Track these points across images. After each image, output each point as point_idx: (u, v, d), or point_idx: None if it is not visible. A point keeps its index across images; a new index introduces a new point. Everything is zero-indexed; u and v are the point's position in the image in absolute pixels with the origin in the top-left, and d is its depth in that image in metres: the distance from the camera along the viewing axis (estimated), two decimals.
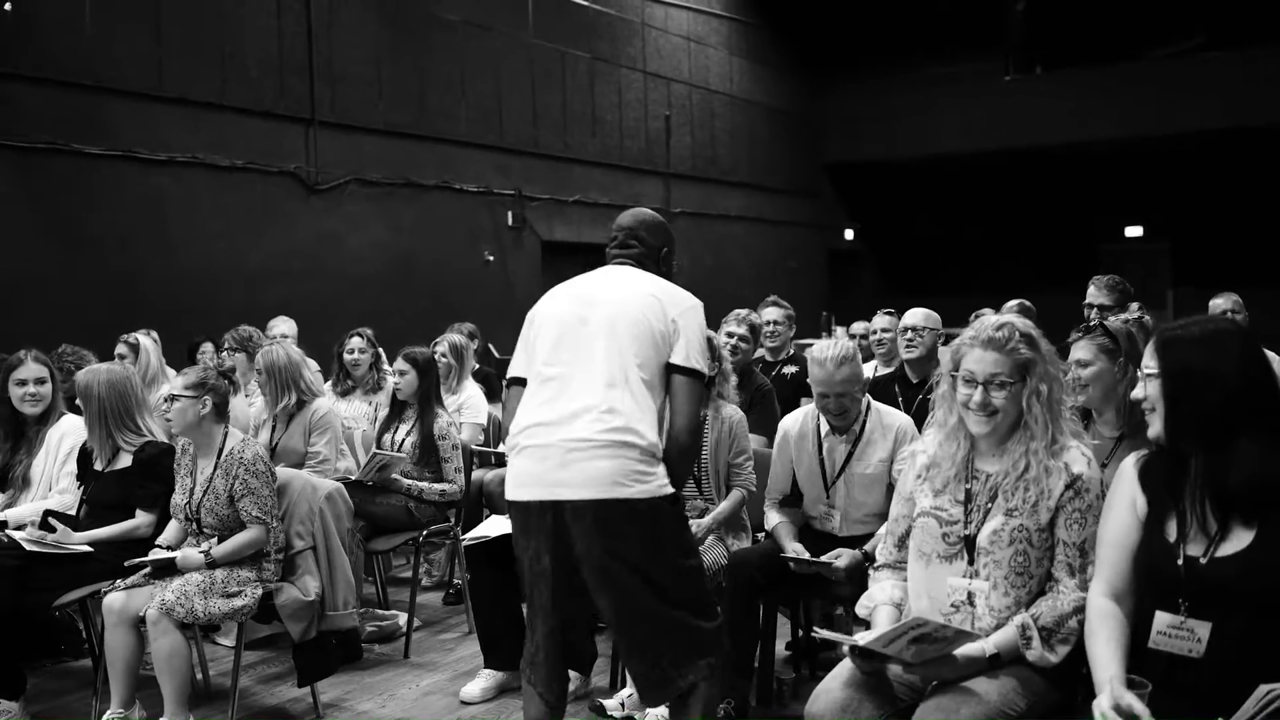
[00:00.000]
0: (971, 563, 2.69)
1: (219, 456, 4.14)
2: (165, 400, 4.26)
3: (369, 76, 10.52)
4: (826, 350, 3.96)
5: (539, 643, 3.18)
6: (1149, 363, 2.45)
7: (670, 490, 3.05)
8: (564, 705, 3.26)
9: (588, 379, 3.05)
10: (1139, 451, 2.58)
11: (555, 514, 3.01)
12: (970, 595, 2.68)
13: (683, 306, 3.18)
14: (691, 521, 4.21)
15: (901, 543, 2.91)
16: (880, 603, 2.87)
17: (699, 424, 3.13)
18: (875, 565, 3.00)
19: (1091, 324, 3.31)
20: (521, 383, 3.24)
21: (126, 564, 4.03)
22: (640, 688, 3.21)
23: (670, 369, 3.11)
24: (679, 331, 3.12)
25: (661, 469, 3.04)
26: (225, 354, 6.23)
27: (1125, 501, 2.51)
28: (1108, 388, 3.31)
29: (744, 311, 5.58)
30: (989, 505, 2.70)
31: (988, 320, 2.73)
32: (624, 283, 3.24)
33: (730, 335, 5.27)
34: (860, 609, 2.95)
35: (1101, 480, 2.69)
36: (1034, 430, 2.66)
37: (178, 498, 4.20)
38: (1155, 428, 2.44)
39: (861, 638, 2.60)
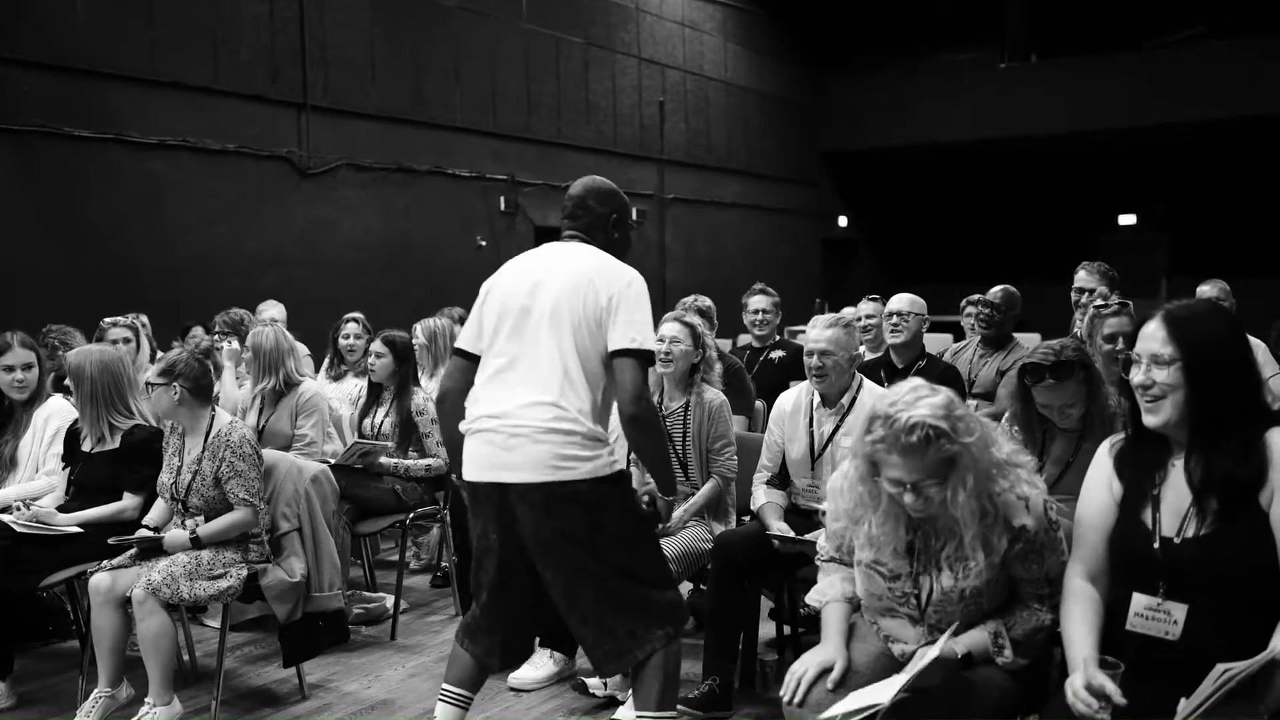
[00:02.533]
0: (920, 616, 2.66)
1: (206, 438, 4.15)
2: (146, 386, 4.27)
3: (362, 61, 10.49)
4: (822, 316, 4.22)
5: (481, 613, 3.32)
6: (1160, 349, 2.36)
7: (617, 468, 3.20)
8: (491, 670, 3.42)
9: (531, 373, 3.18)
10: (1113, 437, 2.60)
11: (501, 495, 3.16)
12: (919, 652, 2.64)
13: (617, 286, 3.21)
14: (674, 512, 4.27)
15: (842, 549, 2.86)
16: (832, 599, 2.82)
17: (644, 394, 3.19)
18: (821, 558, 2.96)
19: (1059, 363, 3.30)
20: (466, 356, 3.38)
21: (111, 541, 4.04)
22: (595, 659, 3.30)
23: (610, 355, 3.18)
24: (615, 313, 3.18)
25: (606, 450, 3.19)
26: (217, 337, 6.24)
27: (1102, 484, 2.53)
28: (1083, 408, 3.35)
29: (689, 299, 5.69)
30: (936, 564, 2.62)
31: (898, 421, 2.47)
32: (566, 264, 3.29)
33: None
34: (811, 599, 2.90)
35: (1046, 504, 2.59)
36: (964, 520, 2.52)
37: (164, 477, 4.21)
38: (1164, 414, 2.36)
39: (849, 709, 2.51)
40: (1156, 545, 2.37)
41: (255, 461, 4.14)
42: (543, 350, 3.19)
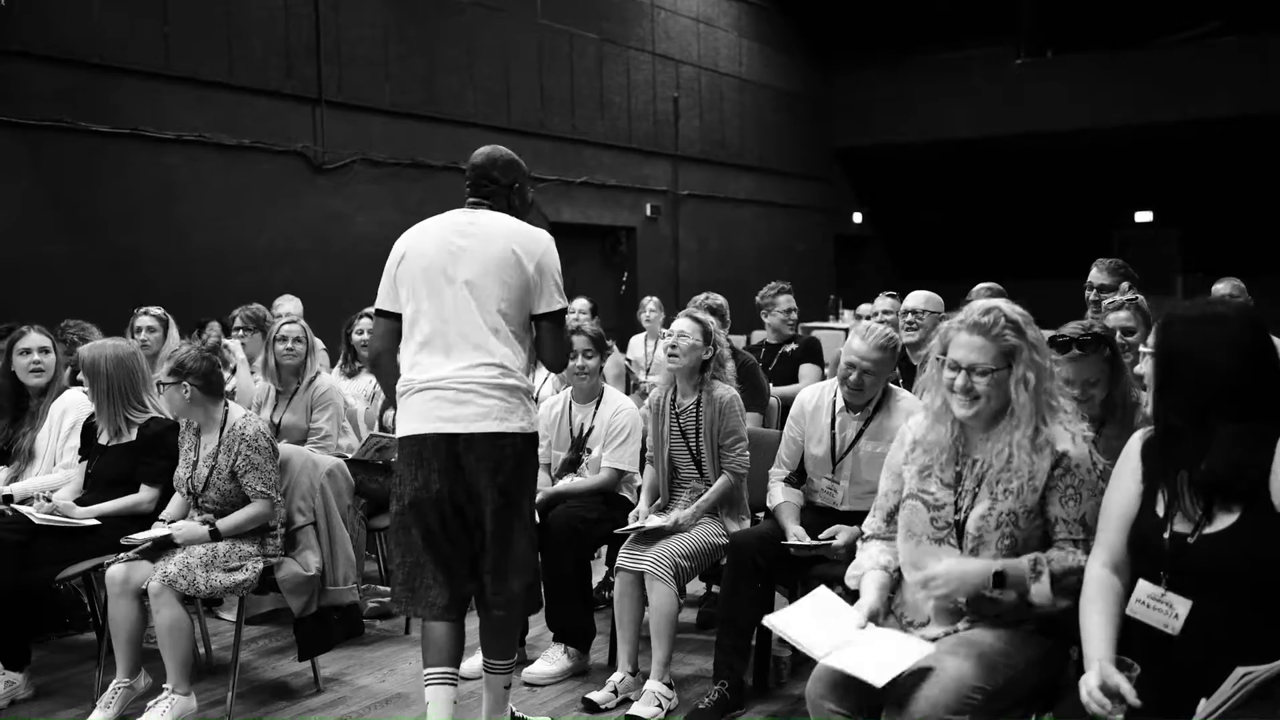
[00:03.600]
0: (959, 545, 2.70)
1: (221, 432, 4.17)
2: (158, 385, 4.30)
3: (376, 57, 10.51)
4: (874, 329, 4.14)
5: (419, 572, 3.44)
6: (1151, 341, 2.49)
7: (535, 429, 3.53)
8: (463, 615, 3.55)
9: (467, 337, 3.41)
10: (1148, 428, 2.59)
11: (449, 446, 3.38)
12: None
13: (538, 254, 3.49)
14: (678, 511, 4.29)
15: (890, 518, 2.93)
16: (868, 568, 2.88)
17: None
18: (864, 537, 3.03)
19: (1085, 337, 3.30)
20: (390, 316, 3.56)
21: (124, 540, 4.05)
22: (484, 606, 3.52)
23: (536, 319, 3.51)
24: (542, 279, 3.48)
25: (534, 407, 3.54)
26: (238, 333, 6.26)
27: (1129, 475, 2.53)
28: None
29: (701, 297, 5.77)
30: (976, 489, 2.71)
31: (976, 304, 2.72)
32: (485, 231, 3.50)
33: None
34: (849, 579, 2.95)
35: (1093, 450, 2.70)
36: (1020, 418, 2.66)
37: (180, 472, 4.22)
38: (1149, 405, 2.49)
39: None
40: (1166, 536, 2.36)
41: (271, 454, 4.16)
42: (473, 314, 3.40)
